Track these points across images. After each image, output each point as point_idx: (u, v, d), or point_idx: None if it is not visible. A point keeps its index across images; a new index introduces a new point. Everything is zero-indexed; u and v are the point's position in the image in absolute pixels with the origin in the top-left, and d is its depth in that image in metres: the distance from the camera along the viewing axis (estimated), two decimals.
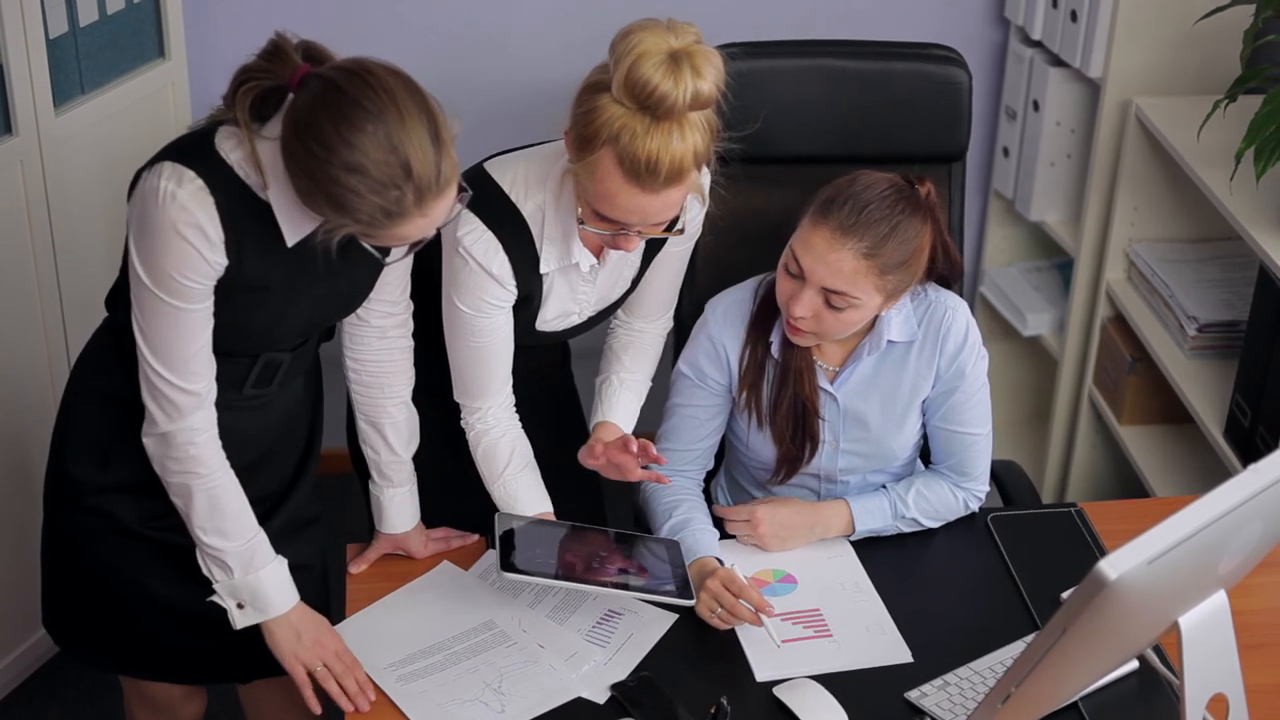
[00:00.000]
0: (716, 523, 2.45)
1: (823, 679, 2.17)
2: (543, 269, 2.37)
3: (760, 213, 2.63)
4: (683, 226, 2.33)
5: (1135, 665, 2.19)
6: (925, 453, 2.57)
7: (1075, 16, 3.32)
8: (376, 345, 2.36)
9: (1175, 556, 1.63)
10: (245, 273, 2.08)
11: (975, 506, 2.51)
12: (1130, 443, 3.43)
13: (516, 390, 2.46)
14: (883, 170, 2.35)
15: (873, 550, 2.44)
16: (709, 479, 2.60)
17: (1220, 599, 1.85)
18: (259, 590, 2.20)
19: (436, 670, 2.21)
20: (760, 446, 2.48)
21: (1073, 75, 3.45)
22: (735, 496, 2.62)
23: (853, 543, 2.45)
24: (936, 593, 2.39)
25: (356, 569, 2.43)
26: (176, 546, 2.26)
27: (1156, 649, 2.21)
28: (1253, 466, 1.72)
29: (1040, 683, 1.80)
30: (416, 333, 2.40)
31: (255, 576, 2.20)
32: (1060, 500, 3.71)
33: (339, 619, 2.31)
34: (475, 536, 2.48)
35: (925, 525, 2.47)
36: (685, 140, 2.15)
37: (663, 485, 2.46)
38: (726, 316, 2.45)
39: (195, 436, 2.15)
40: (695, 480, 2.52)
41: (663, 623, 2.30)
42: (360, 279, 2.25)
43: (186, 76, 3.29)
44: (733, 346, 2.44)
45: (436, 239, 2.33)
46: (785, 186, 2.61)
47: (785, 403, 2.42)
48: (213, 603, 2.22)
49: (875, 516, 2.45)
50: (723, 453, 2.61)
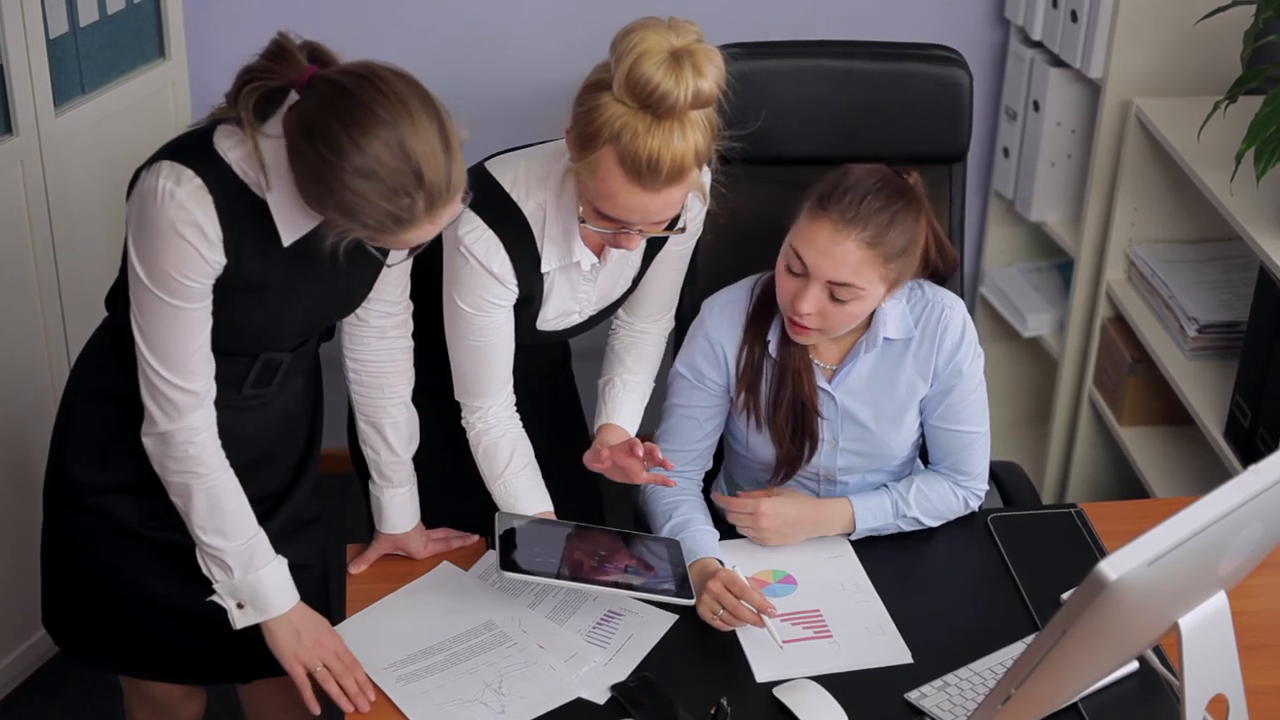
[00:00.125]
0: (717, 523, 2.45)
1: (823, 679, 2.17)
2: (544, 268, 2.37)
3: (761, 213, 2.63)
4: (684, 225, 2.33)
5: (1135, 666, 2.19)
6: (923, 454, 2.57)
7: (1075, 17, 3.32)
8: (376, 345, 2.36)
9: (1175, 558, 1.63)
10: (244, 272, 2.08)
11: (975, 505, 2.51)
12: (1130, 443, 3.43)
13: (517, 390, 2.46)
14: None
15: (873, 551, 2.44)
16: (708, 480, 2.60)
17: (1220, 600, 1.85)
18: (259, 590, 2.20)
19: (436, 671, 2.21)
20: (760, 447, 2.48)
21: (1073, 76, 3.45)
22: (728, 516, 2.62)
23: (853, 543, 2.45)
24: (936, 593, 2.39)
25: (356, 569, 2.43)
26: (176, 546, 2.26)
27: (1157, 650, 2.20)
28: (1253, 468, 1.72)
29: (1040, 684, 1.79)
30: (417, 332, 2.40)
31: (255, 576, 2.20)
32: (1060, 501, 3.71)
33: (339, 619, 2.31)
34: (475, 537, 2.48)
35: (926, 524, 2.47)
36: (686, 139, 2.15)
37: (663, 487, 2.46)
38: (723, 316, 2.45)
39: (194, 436, 2.15)
40: (695, 481, 2.52)
41: (663, 623, 2.30)
42: (360, 279, 2.25)
43: (187, 76, 3.29)
44: (730, 346, 2.44)
45: (437, 239, 2.33)
46: (786, 187, 2.61)
47: (784, 403, 2.42)
48: (213, 603, 2.22)
49: (876, 515, 2.45)
50: (721, 453, 2.61)
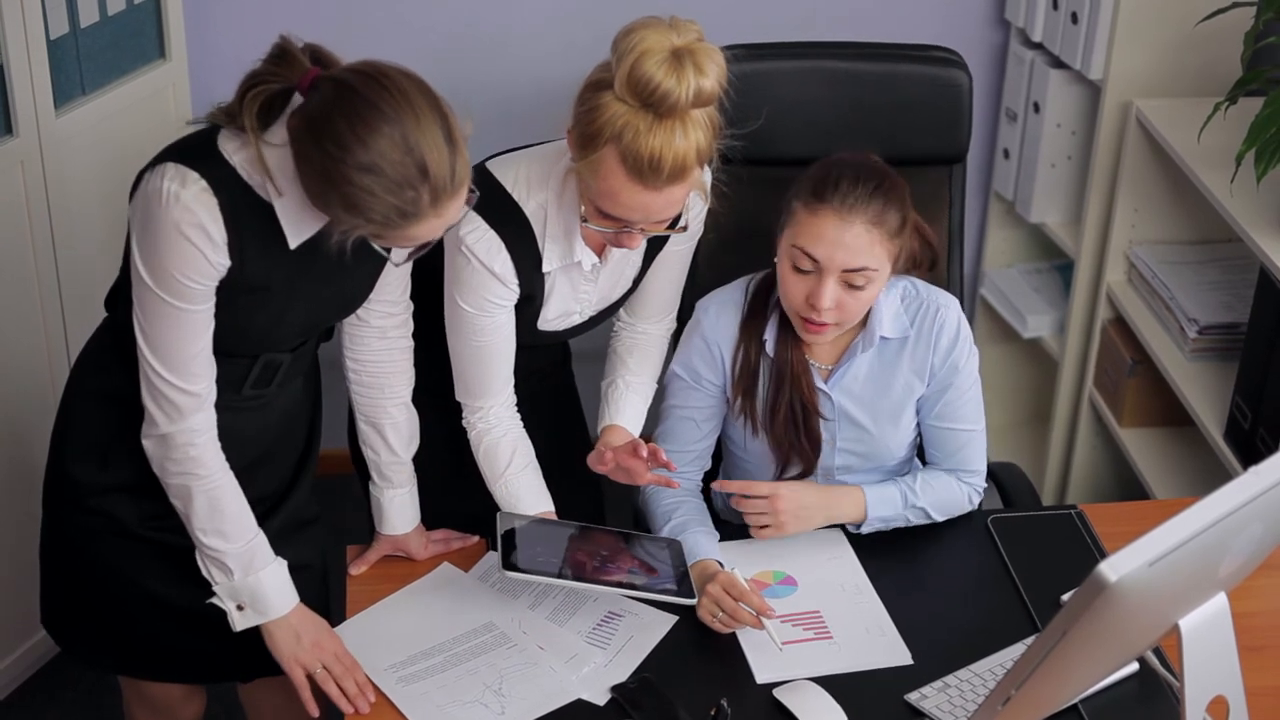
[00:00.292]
0: (717, 524, 2.45)
1: (823, 681, 2.17)
2: (545, 268, 2.37)
3: (761, 214, 2.62)
4: (685, 224, 2.33)
5: (1135, 667, 2.19)
6: (921, 456, 2.57)
7: (1076, 18, 3.32)
8: (376, 345, 2.36)
9: (1176, 559, 1.63)
10: (247, 274, 2.08)
11: (977, 501, 2.51)
12: (1130, 445, 3.43)
13: (517, 390, 2.46)
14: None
15: (873, 552, 2.44)
16: (707, 482, 2.60)
17: (1220, 601, 1.85)
18: (259, 592, 2.20)
19: (436, 672, 2.21)
20: (758, 451, 2.48)
21: (1073, 77, 3.45)
22: (734, 500, 2.62)
23: (853, 544, 2.45)
24: (937, 594, 2.39)
25: (356, 570, 2.43)
26: (176, 547, 2.26)
27: (1157, 651, 2.20)
28: (1253, 469, 1.72)
29: (1040, 685, 1.79)
30: (417, 333, 2.40)
31: (255, 578, 2.20)
32: (1060, 502, 3.71)
33: (339, 620, 2.31)
34: (475, 538, 2.48)
35: (933, 517, 2.46)
36: (688, 138, 2.15)
37: (662, 489, 2.46)
38: (719, 316, 2.45)
39: (195, 438, 2.15)
40: (694, 482, 2.52)
41: (663, 624, 2.29)
42: (361, 279, 2.25)
43: (187, 77, 3.29)
44: (726, 346, 2.44)
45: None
46: (786, 188, 2.60)
47: (783, 408, 2.42)
48: (213, 604, 2.22)
49: (887, 504, 2.44)
50: (720, 454, 2.61)
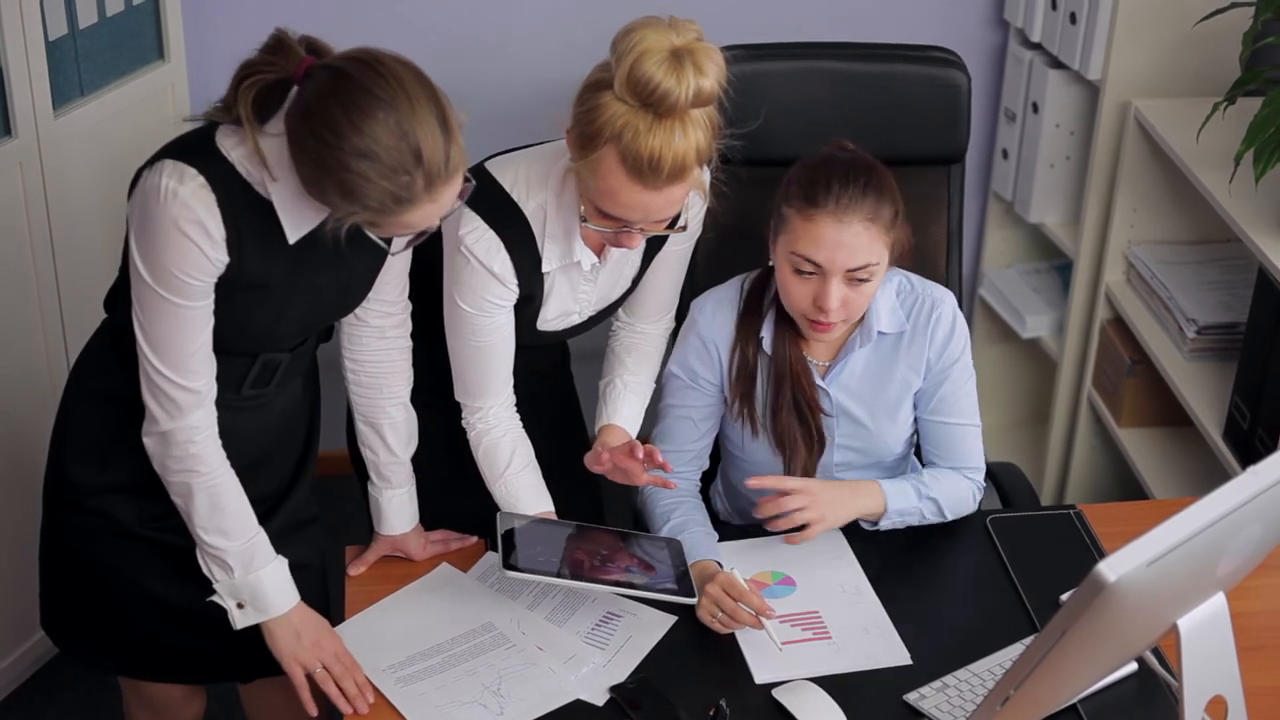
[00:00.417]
0: (715, 524, 2.45)
1: (822, 681, 2.17)
2: (544, 268, 2.37)
3: (760, 214, 2.61)
4: (685, 223, 2.33)
5: (1134, 667, 2.19)
6: (918, 455, 2.57)
7: (1074, 18, 3.32)
8: (375, 345, 2.36)
9: (1174, 559, 1.63)
10: (246, 270, 2.08)
11: (979, 498, 2.50)
12: (1129, 445, 3.43)
13: (516, 390, 2.46)
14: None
15: (872, 552, 2.43)
16: (706, 483, 2.60)
17: (1219, 601, 1.85)
18: (259, 590, 2.20)
19: (435, 672, 2.21)
20: (758, 451, 2.48)
21: (1072, 77, 3.45)
22: (732, 501, 2.62)
23: (852, 544, 2.45)
24: (935, 595, 2.39)
25: (355, 571, 2.43)
26: (176, 547, 2.26)
27: (1155, 651, 2.20)
28: (1251, 469, 1.72)
29: (1039, 685, 1.79)
30: (416, 333, 2.40)
31: (255, 576, 2.20)
32: (1059, 502, 3.71)
33: (338, 621, 2.31)
34: (474, 538, 2.48)
35: (945, 513, 2.44)
36: (688, 137, 2.15)
37: (661, 489, 2.46)
38: (714, 315, 2.45)
39: (195, 435, 2.15)
40: (692, 482, 2.52)
41: (662, 625, 2.29)
42: (359, 277, 2.25)
43: (186, 78, 3.29)
44: (723, 345, 2.44)
45: (436, 237, 2.33)
46: None
47: (784, 406, 2.42)
48: (213, 603, 2.22)
49: (903, 496, 2.42)
50: (718, 455, 2.61)
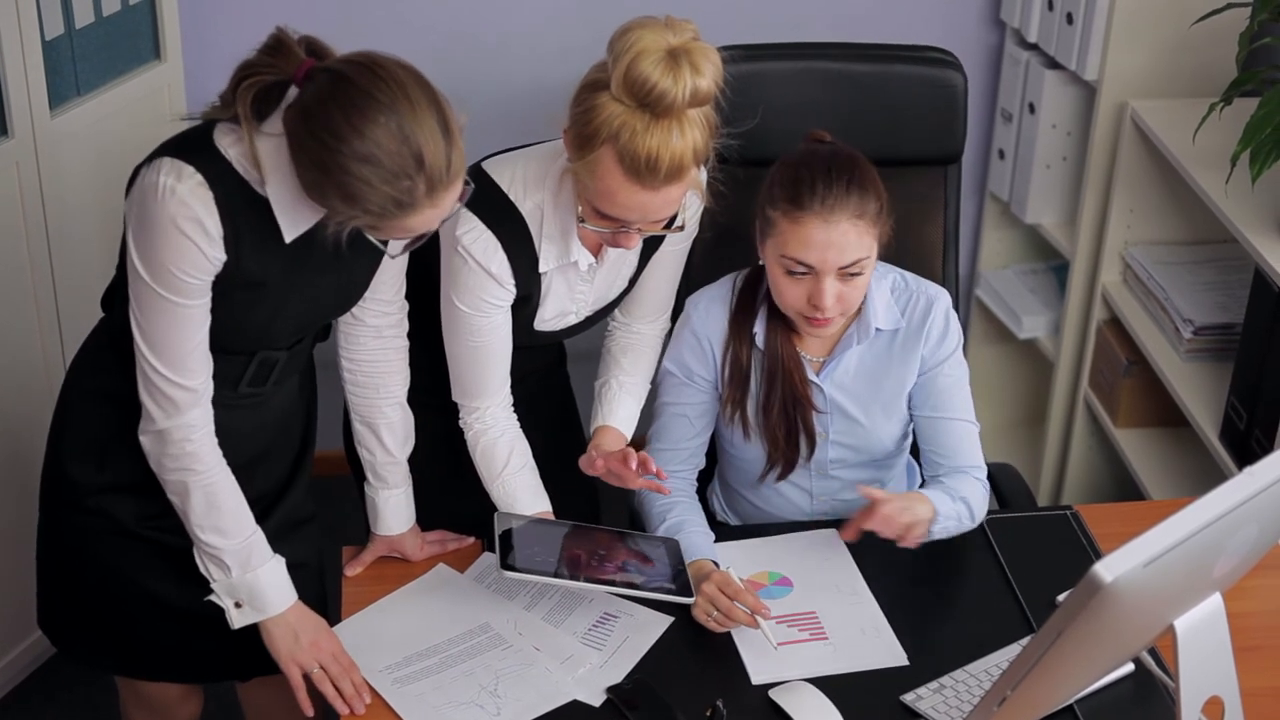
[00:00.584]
0: (712, 524, 2.45)
1: (818, 681, 2.17)
2: (542, 268, 2.37)
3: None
4: (683, 223, 2.33)
5: (1131, 668, 2.19)
6: (915, 456, 2.56)
7: (1071, 19, 3.32)
8: (372, 345, 2.36)
9: (1171, 559, 1.63)
10: (243, 268, 2.08)
11: (988, 498, 2.48)
12: (1126, 445, 3.43)
13: (513, 390, 2.46)
14: (878, 172, 2.35)
15: (869, 553, 2.43)
16: (704, 483, 2.60)
17: (1215, 602, 1.85)
18: (256, 589, 2.20)
19: (432, 673, 2.20)
20: (751, 452, 2.48)
21: (1068, 78, 3.45)
22: (729, 500, 2.62)
23: (849, 544, 2.44)
24: (932, 595, 2.39)
25: (352, 571, 2.43)
26: (174, 547, 2.26)
27: (1152, 652, 2.21)
28: (1248, 469, 1.72)
29: (1036, 685, 1.80)
30: (414, 333, 2.40)
31: (253, 575, 2.20)
32: (1056, 503, 3.71)
33: (335, 621, 2.31)
34: (471, 539, 2.48)
35: (975, 516, 2.40)
36: (685, 137, 2.15)
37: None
38: (708, 311, 2.45)
39: (192, 434, 2.15)
40: (689, 481, 2.52)
41: (658, 625, 2.29)
42: (357, 276, 2.25)
43: (182, 78, 3.29)
44: (716, 340, 2.44)
45: (434, 237, 2.33)
46: None
47: (776, 405, 2.42)
48: (211, 602, 2.22)
49: (943, 500, 2.36)
50: (715, 456, 2.61)
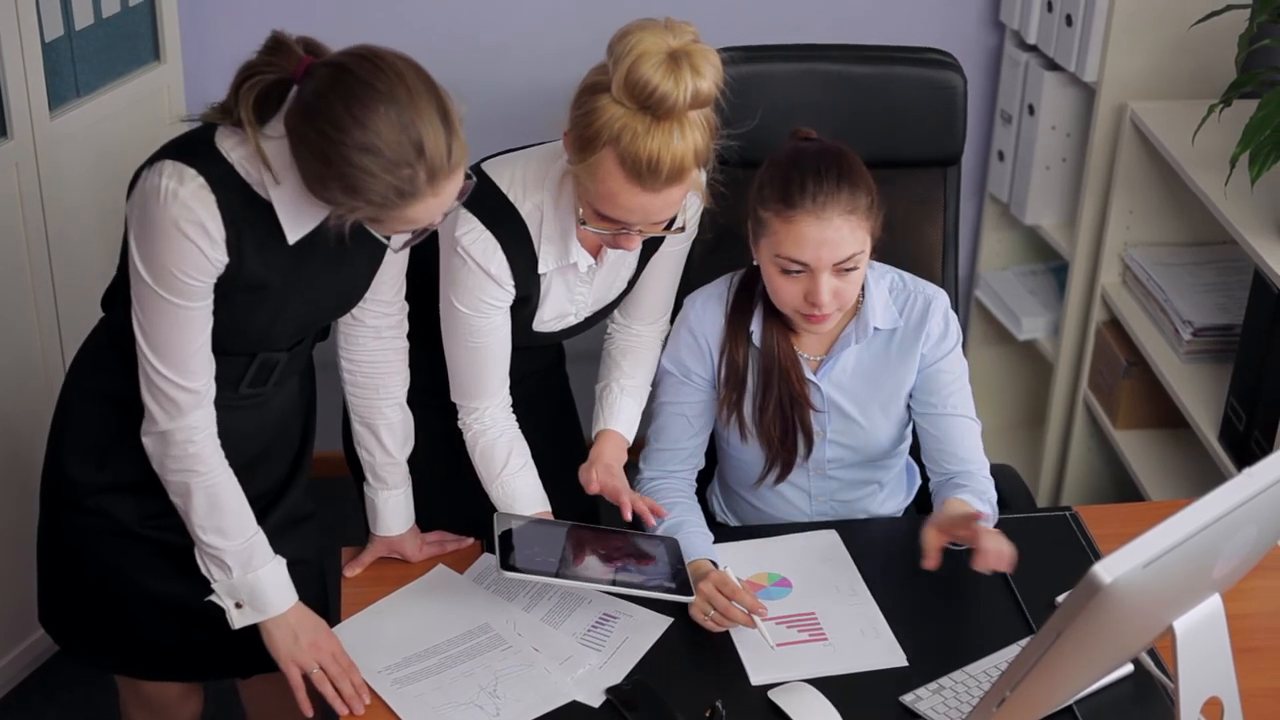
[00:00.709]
0: (711, 525, 2.45)
1: (817, 682, 2.17)
2: (541, 269, 2.37)
3: None
4: (683, 224, 2.33)
5: (1130, 669, 2.19)
6: (914, 456, 2.56)
7: (1070, 20, 3.33)
8: (372, 346, 2.36)
9: (1170, 560, 1.63)
10: (245, 271, 2.08)
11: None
12: (1125, 447, 3.43)
13: (512, 391, 2.46)
14: (877, 173, 2.35)
15: (867, 553, 2.44)
16: (703, 484, 2.60)
17: (1215, 603, 1.85)
18: (257, 589, 2.20)
19: (432, 674, 2.21)
20: (752, 450, 2.48)
21: (1068, 79, 3.45)
22: (728, 501, 2.62)
23: (848, 545, 2.45)
24: (931, 596, 2.39)
25: (351, 572, 2.43)
26: (175, 546, 2.26)
27: (1151, 653, 2.21)
28: (1247, 470, 1.72)
29: (1035, 686, 1.80)
30: (413, 333, 2.40)
31: (254, 576, 2.20)
32: (1055, 504, 3.71)
33: (334, 622, 2.31)
34: (470, 540, 2.48)
35: (996, 517, 2.38)
36: (686, 139, 2.15)
37: (657, 487, 2.47)
38: (705, 310, 2.45)
39: (194, 435, 2.15)
40: (687, 481, 2.52)
41: (658, 626, 2.29)
42: (357, 277, 2.25)
43: (182, 80, 3.29)
44: (713, 338, 2.44)
45: (433, 237, 2.33)
46: None
47: (772, 404, 2.41)
48: (211, 602, 2.22)
49: (980, 503, 2.34)
50: (714, 457, 2.61)
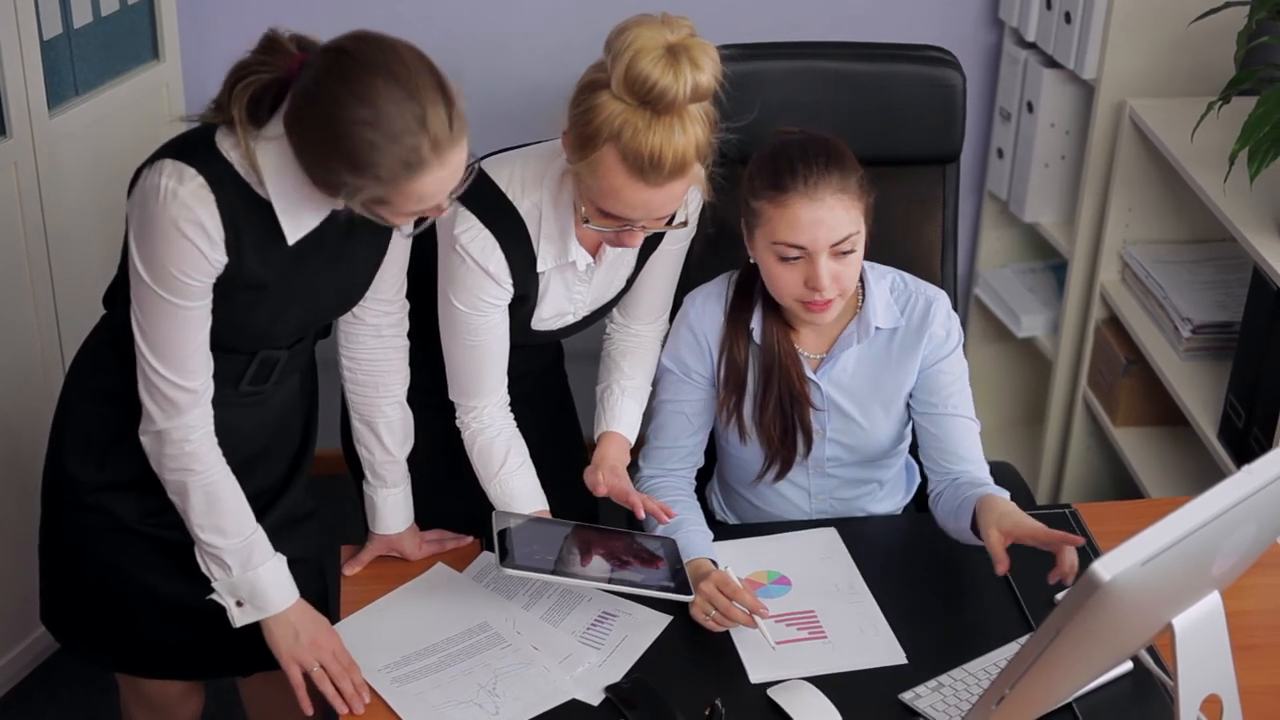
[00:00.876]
0: (711, 523, 2.45)
1: (817, 680, 2.17)
2: (540, 268, 2.37)
3: None
4: (685, 219, 2.33)
5: (1129, 666, 2.19)
6: (915, 458, 2.56)
7: (1069, 18, 3.33)
8: (372, 344, 2.36)
9: (1169, 558, 1.63)
10: (244, 270, 2.08)
11: None
12: (1124, 444, 3.43)
13: (511, 390, 2.46)
14: (876, 171, 2.35)
15: (866, 551, 2.44)
16: (702, 482, 2.60)
17: (1214, 600, 1.85)
18: (257, 587, 2.20)
19: (431, 672, 2.21)
20: (752, 449, 2.48)
21: (1067, 76, 3.45)
22: (727, 499, 2.62)
23: (847, 543, 2.45)
24: (931, 594, 2.39)
25: (351, 570, 2.43)
26: (175, 543, 2.26)
27: (1150, 650, 2.21)
28: (1246, 468, 1.72)
29: (1034, 684, 1.80)
30: (413, 332, 2.40)
31: (254, 574, 2.20)
32: (1054, 502, 3.71)
33: (334, 620, 2.31)
34: (469, 538, 2.48)
35: None
36: (687, 133, 2.16)
37: (656, 485, 2.47)
38: (705, 307, 2.45)
39: (191, 434, 2.15)
40: (687, 479, 2.52)
41: (657, 624, 2.29)
42: (358, 276, 2.25)
43: (181, 78, 3.29)
44: (713, 336, 2.44)
45: (433, 234, 2.34)
46: None
47: (772, 401, 2.41)
48: (212, 600, 2.22)
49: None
50: (714, 456, 2.61)
